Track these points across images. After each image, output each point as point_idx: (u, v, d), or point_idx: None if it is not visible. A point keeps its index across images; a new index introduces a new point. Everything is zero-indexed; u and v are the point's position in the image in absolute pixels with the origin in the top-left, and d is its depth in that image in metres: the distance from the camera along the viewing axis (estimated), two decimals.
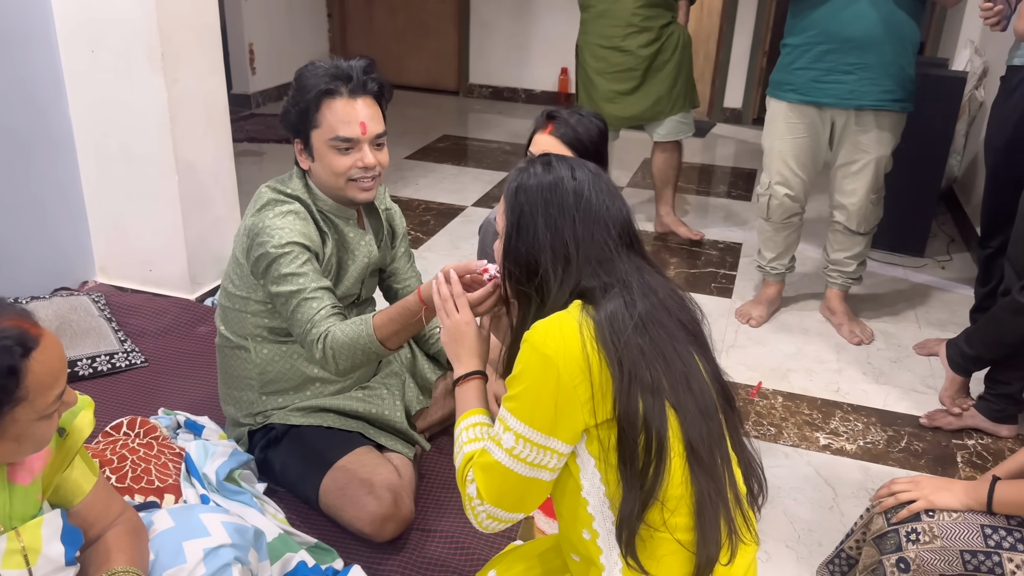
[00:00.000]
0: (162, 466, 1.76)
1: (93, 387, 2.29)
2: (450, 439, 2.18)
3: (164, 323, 2.68)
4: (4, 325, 1.08)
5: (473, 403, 1.29)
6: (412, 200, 4.18)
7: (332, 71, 1.72)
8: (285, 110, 1.78)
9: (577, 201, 1.18)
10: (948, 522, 1.38)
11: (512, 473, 1.13)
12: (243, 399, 1.93)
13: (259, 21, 5.76)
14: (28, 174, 2.68)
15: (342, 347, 1.61)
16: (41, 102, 2.67)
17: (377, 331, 1.58)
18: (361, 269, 1.88)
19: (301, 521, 1.83)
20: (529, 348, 1.12)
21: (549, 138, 1.95)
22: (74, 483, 1.31)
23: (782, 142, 2.79)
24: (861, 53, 2.56)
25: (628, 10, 3.30)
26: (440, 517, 1.88)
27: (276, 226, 1.72)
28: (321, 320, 1.65)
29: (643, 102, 3.46)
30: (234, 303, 1.87)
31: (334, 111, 1.71)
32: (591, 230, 1.17)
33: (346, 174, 1.74)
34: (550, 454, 1.11)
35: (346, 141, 1.71)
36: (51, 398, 1.13)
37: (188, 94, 2.71)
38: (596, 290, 1.15)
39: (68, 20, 2.63)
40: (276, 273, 1.70)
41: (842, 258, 2.90)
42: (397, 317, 1.58)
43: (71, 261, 2.90)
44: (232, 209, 3.02)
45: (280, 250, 1.69)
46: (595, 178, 1.21)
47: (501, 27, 6.28)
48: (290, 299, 1.68)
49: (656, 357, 1.11)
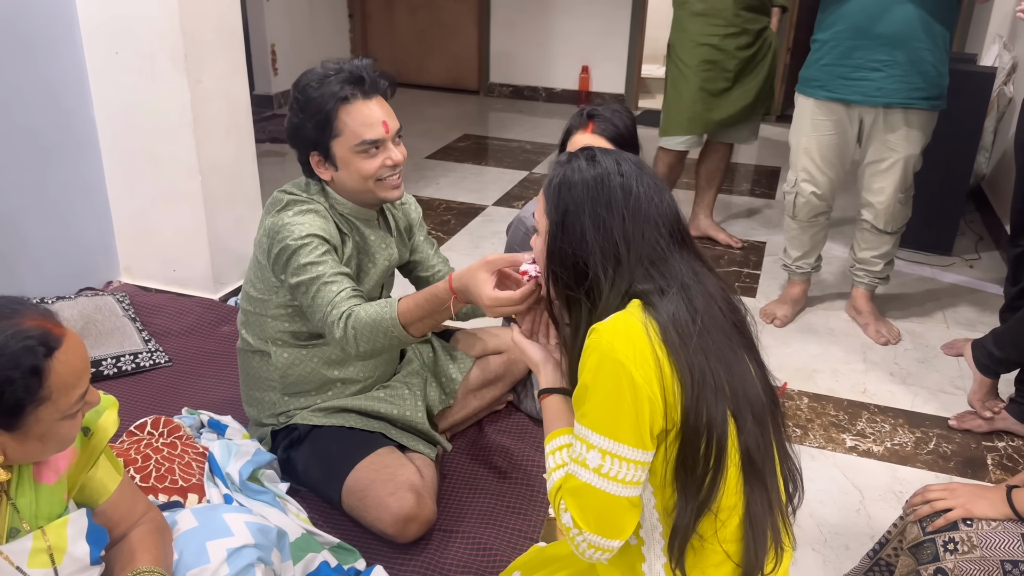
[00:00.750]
0: (186, 465, 1.77)
1: (117, 386, 2.31)
2: (472, 438, 2.17)
3: (188, 323, 2.69)
4: (27, 325, 1.09)
5: (556, 422, 1.21)
6: (433, 199, 4.18)
7: (342, 77, 1.69)
8: (296, 126, 1.72)
9: (625, 197, 1.11)
10: (987, 531, 1.33)
11: (604, 495, 1.05)
12: (265, 400, 1.94)
13: (281, 22, 5.79)
14: (54, 175, 2.70)
15: (364, 327, 1.58)
16: (66, 103, 2.69)
17: (401, 316, 1.56)
18: (381, 272, 1.88)
19: (324, 521, 1.83)
20: (597, 355, 1.05)
21: (592, 137, 1.96)
22: (99, 482, 1.32)
23: (809, 139, 2.76)
24: (890, 50, 2.52)
25: (730, 11, 3.23)
26: (462, 518, 1.87)
27: (296, 222, 1.72)
28: (342, 301, 1.63)
29: (733, 105, 3.39)
30: (255, 307, 1.87)
31: (354, 116, 1.69)
32: (641, 228, 1.11)
33: (375, 175, 1.73)
34: (637, 467, 1.05)
35: (373, 143, 1.70)
36: (74, 398, 1.13)
37: (211, 95, 2.72)
38: (652, 292, 1.09)
39: (92, 22, 2.65)
40: (296, 264, 1.69)
41: (869, 257, 2.86)
42: (424, 304, 1.55)
43: (96, 261, 2.92)
44: (255, 209, 3.03)
45: (299, 242, 1.69)
46: (640, 172, 1.15)
47: (521, 26, 6.27)
48: (310, 286, 1.68)
49: (718, 362, 1.07)
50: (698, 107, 3.36)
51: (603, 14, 6.01)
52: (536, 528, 1.86)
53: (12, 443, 1.11)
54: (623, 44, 6.07)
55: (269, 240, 1.76)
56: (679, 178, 3.74)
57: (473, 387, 2.17)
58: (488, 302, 1.41)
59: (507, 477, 2.01)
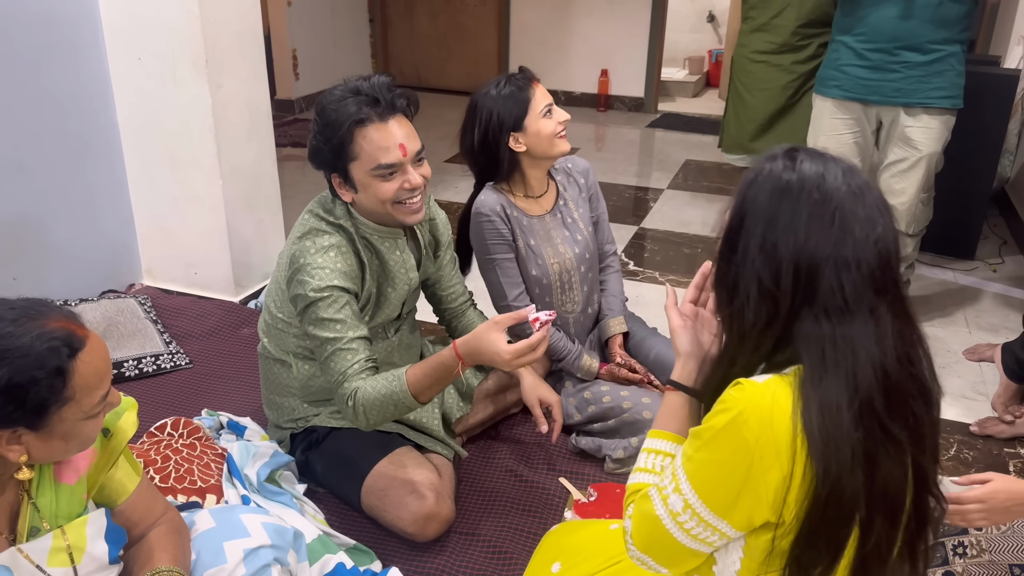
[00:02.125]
0: (204, 466, 1.79)
1: (139, 388, 2.34)
2: (488, 442, 2.17)
3: (208, 325, 2.72)
4: (52, 326, 1.11)
5: (667, 421, 1.12)
6: (451, 203, 4.19)
7: (358, 98, 1.64)
8: (316, 148, 1.69)
9: (813, 219, 0.89)
10: (996, 535, 1.33)
11: (669, 536, 1.00)
12: (285, 405, 1.95)
13: (302, 27, 5.83)
14: (78, 178, 2.74)
15: (373, 404, 1.62)
16: (91, 108, 2.73)
17: (411, 386, 1.60)
18: (401, 295, 1.86)
19: (340, 523, 1.85)
20: (728, 418, 0.93)
21: (542, 87, 2.03)
22: (118, 483, 1.34)
23: (827, 139, 2.74)
24: (907, 51, 2.50)
25: (789, 27, 3.07)
26: (479, 521, 1.87)
27: (316, 265, 1.68)
28: (354, 375, 1.65)
29: (790, 130, 3.16)
30: (276, 322, 1.87)
31: (370, 139, 1.64)
32: (821, 264, 0.89)
33: (393, 198, 1.69)
34: (717, 534, 0.98)
35: (389, 167, 1.66)
36: (96, 398, 1.15)
37: (232, 99, 2.75)
38: (812, 350, 0.90)
39: (115, 28, 2.69)
40: (314, 316, 1.68)
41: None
42: (432, 373, 1.59)
43: (118, 264, 2.96)
44: (275, 213, 3.06)
45: (319, 294, 1.66)
46: (859, 189, 0.91)
47: (541, 29, 6.28)
48: (325, 345, 1.67)
49: (861, 463, 0.90)
50: (751, 127, 3.22)
51: (623, 17, 6.01)
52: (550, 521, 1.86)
53: (36, 442, 1.13)
54: (643, 47, 6.06)
55: (290, 272, 1.73)
56: None
57: (490, 391, 2.18)
58: (508, 358, 1.48)
59: (523, 480, 2.02)
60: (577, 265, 2.17)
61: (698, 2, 7.54)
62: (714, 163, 4.87)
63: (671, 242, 3.69)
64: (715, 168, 4.80)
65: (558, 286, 2.16)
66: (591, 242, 2.21)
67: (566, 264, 2.15)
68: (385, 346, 1.92)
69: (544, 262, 2.13)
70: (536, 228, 2.13)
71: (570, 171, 2.24)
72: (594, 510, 1.82)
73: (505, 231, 2.09)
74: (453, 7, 6.51)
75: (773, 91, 3.15)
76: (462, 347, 1.55)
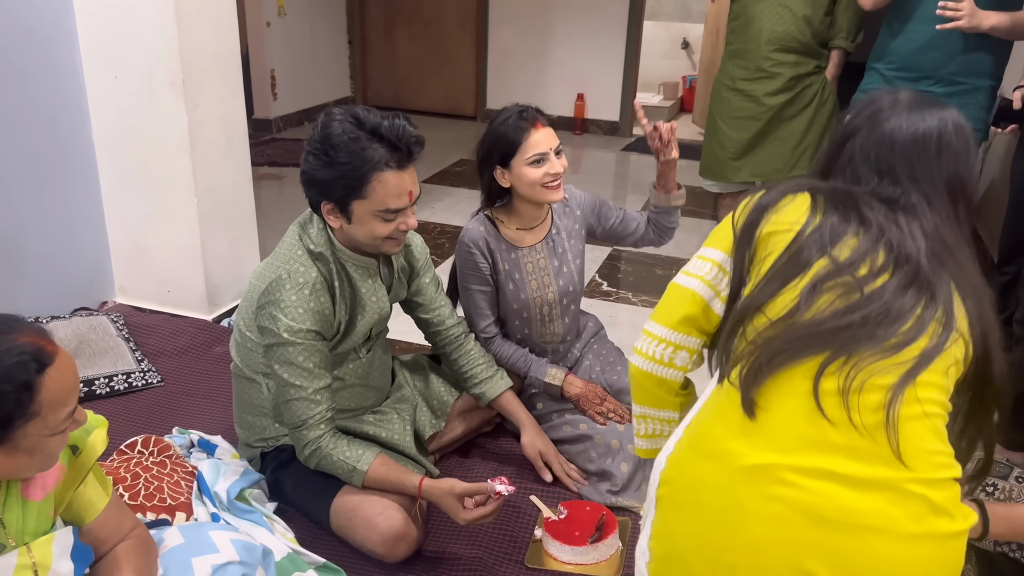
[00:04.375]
0: (175, 484, 1.78)
1: (110, 405, 2.32)
2: (460, 459, 2.18)
3: (181, 343, 2.71)
4: (21, 341, 1.11)
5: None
6: (428, 223, 4.22)
7: (382, 143, 1.64)
8: (319, 177, 1.66)
9: (876, 113, 1.22)
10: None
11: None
12: (256, 424, 1.95)
13: (281, 47, 5.86)
14: (52, 196, 2.73)
15: (326, 463, 1.78)
16: (66, 126, 2.73)
17: (367, 480, 1.77)
18: (370, 324, 1.87)
19: (310, 541, 1.84)
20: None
21: (545, 130, 2.03)
22: (87, 500, 1.33)
23: None
24: (932, 83, 2.52)
25: (760, 53, 2.99)
26: (449, 541, 1.88)
27: (291, 303, 1.70)
28: (315, 425, 1.76)
29: (768, 155, 3.12)
30: (245, 340, 1.88)
31: (386, 184, 1.65)
32: (860, 145, 1.22)
33: (385, 235, 1.72)
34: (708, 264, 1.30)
35: (396, 211, 1.70)
36: (63, 415, 1.15)
37: (208, 119, 2.76)
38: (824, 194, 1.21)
39: (93, 46, 2.70)
40: (282, 358, 1.72)
41: None
42: (390, 485, 1.77)
43: (92, 281, 2.95)
44: (250, 232, 3.07)
45: (292, 337, 1.70)
46: (920, 106, 1.21)
47: (519, 53, 6.35)
48: (288, 389, 1.74)
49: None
50: (724, 154, 3.15)
51: (599, 43, 6.10)
52: (522, 550, 1.87)
53: (0, 457, 1.13)
54: (618, 73, 6.15)
55: (263, 299, 1.74)
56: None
57: (463, 409, 2.19)
58: (464, 523, 1.71)
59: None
60: (559, 299, 2.18)
61: (672, 29, 7.66)
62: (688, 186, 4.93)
63: (644, 263, 3.73)
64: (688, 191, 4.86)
65: (538, 319, 2.19)
66: (577, 276, 2.21)
67: (547, 298, 2.16)
68: (357, 366, 1.93)
69: (527, 296, 2.15)
70: (523, 261, 2.14)
71: (567, 201, 2.22)
72: (564, 528, 1.83)
73: (484, 265, 2.11)
74: (432, 30, 6.57)
75: (744, 120, 3.11)
76: (427, 492, 1.74)
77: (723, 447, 1.14)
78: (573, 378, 2.17)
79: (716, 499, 1.12)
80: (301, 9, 6.02)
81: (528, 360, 2.17)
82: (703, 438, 1.18)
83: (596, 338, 2.38)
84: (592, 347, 2.33)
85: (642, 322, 1.35)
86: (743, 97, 3.08)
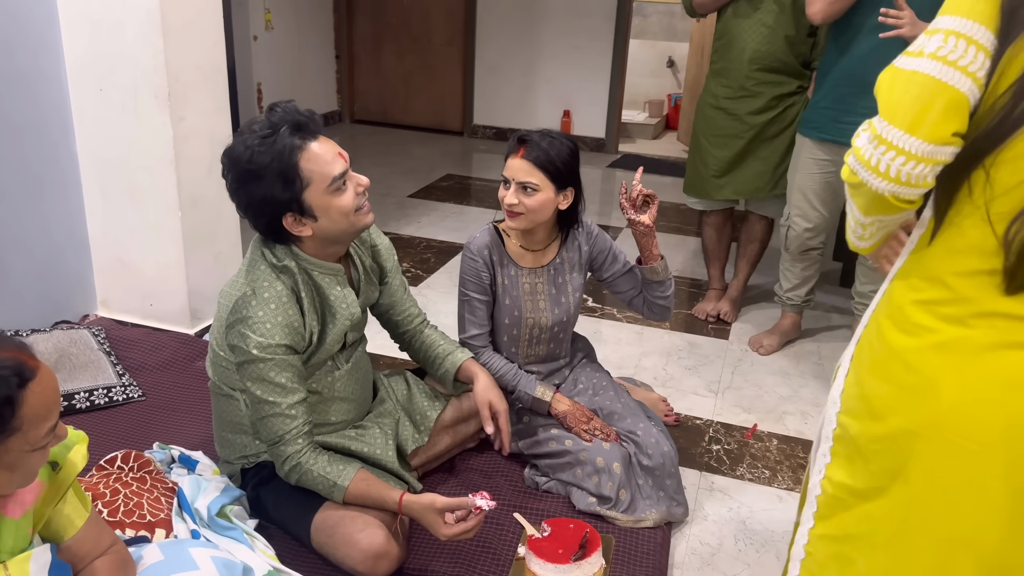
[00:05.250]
0: (154, 500, 1.77)
1: (90, 420, 2.30)
2: (444, 475, 2.18)
3: (163, 358, 2.70)
4: (2, 356, 1.10)
5: None
6: (414, 238, 4.22)
7: (282, 131, 1.64)
8: (260, 196, 1.65)
9: None
10: None
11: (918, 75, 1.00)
12: (236, 442, 1.94)
13: (268, 61, 5.87)
14: (35, 209, 2.72)
15: (306, 478, 1.77)
16: (50, 138, 2.72)
17: (348, 496, 1.77)
18: (341, 330, 1.86)
19: (292, 559, 1.83)
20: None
21: (522, 162, 2.01)
22: (66, 518, 1.32)
23: (803, 177, 2.87)
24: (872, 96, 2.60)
25: (743, 71, 3.01)
26: (431, 557, 1.87)
27: (259, 319, 1.69)
28: (292, 440, 1.75)
29: (750, 174, 3.14)
30: (219, 359, 1.87)
31: (314, 159, 1.66)
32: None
33: (353, 207, 1.73)
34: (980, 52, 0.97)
35: (342, 177, 1.71)
36: (44, 430, 1.15)
37: (193, 132, 2.76)
38: None
39: (77, 59, 2.70)
40: (255, 375, 1.72)
41: (867, 291, 2.92)
42: (371, 500, 1.77)
43: (73, 295, 2.93)
44: (234, 246, 3.06)
45: (263, 353, 1.69)
46: None
47: (506, 70, 6.39)
48: (263, 405, 1.73)
49: None
50: (707, 172, 3.17)
51: (585, 61, 6.15)
52: (505, 568, 1.86)
53: None
54: (604, 90, 6.19)
55: (231, 318, 1.73)
56: (730, 238, 3.44)
57: (447, 424, 2.18)
58: (445, 539, 1.71)
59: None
60: (551, 325, 2.20)
61: (658, 47, 7.73)
62: (672, 203, 4.98)
63: None
64: (673, 208, 4.90)
65: (526, 340, 2.20)
66: (573, 308, 2.23)
67: (540, 323, 2.18)
68: (336, 378, 1.93)
69: (520, 315, 2.16)
70: (523, 282, 2.15)
71: (577, 235, 2.22)
72: (547, 545, 1.83)
73: (485, 274, 2.13)
74: (420, 46, 6.60)
75: (727, 139, 3.13)
76: (407, 507, 1.74)
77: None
78: (561, 396, 2.18)
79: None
80: (288, 23, 6.04)
81: (517, 375, 2.17)
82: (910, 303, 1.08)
83: (587, 362, 2.39)
84: (585, 370, 2.35)
85: (627, 338, 1.33)
86: (726, 115, 3.11)
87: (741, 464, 2.40)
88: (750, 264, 3.39)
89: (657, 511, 2.03)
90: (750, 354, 3.11)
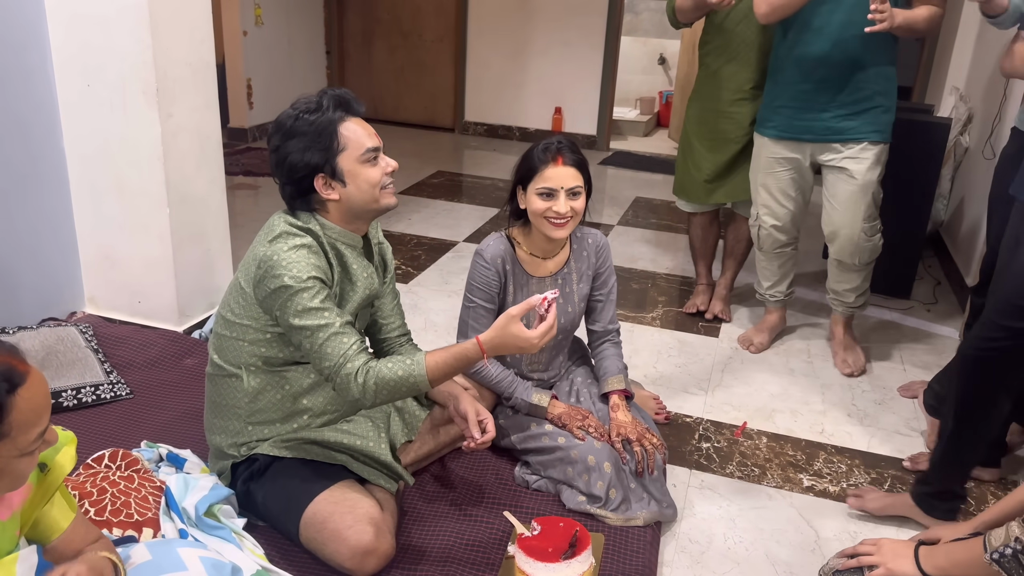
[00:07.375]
0: (142, 499, 1.76)
1: (77, 418, 2.29)
2: (434, 475, 2.17)
3: (151, 355, 2.68)
4: None
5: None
6: (404, 235, 4.21)
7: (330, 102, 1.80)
8: (298, 156, 1.77)
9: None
10: None
11: None
12: (229, 428, 1.93)
13: (258, 57, 5.84)
14: (22, 205, 2.70)
15: (387, 384, 1.73)
16: (37, 134, 2.70)
17: (430, 372, 1.74)
18: (361, 300, 1.90)
19: (280, 558, 1.82)
20: None
21: (566, 168, 2.03)
22: (52, 519, 1.31)
23: (766, 176, 2.89)
24: (835, 92, 2.64)
25: (744, 76, 2.99)
26: (421, 556, 1.87)
27: (292, 259, 1.75)
28: (355, 355, 1.74)
29: (735, 184, 3.13)
30: (231, 331, 1.87)
31: (352, 130, 1.80)
32: None
33: (380, 183, 1.83)
34: None
35: (374, 151, 1.82)
36: (33, 436, 1.13)
37: (182, 128, 2.74)
38: None
39: (65, 54, 2.67)
40: (299, 307, 1.73)
41: (841, 289, 2.96)
42: (453, 363, 1.75)
43: (61, 292, 2.91)
44: (224, 243, 3.04)
45: (302, 284, 1.73)
46: None
47: (497, 66, 6.38)
48: (317, 332, 1.74)
49: None
50: (699, 175, 3.15)
51: (577, 58, 6.15)
52: (494, 567, 1.86)
53: None
54: (595, 87, 6.19)
55: (260, 271, 1.78)
56: (716, 235, 3.43)
57: (437, 422, 2.18)
58: (536, 341, 1.71)
59: (466, 514, 2.02)
60: (556, 334, 2.20)
61: (650, 45, 7.73)
62: (663, 201, 4.98)
63: (620, 277, 3.75)
64: (664, 206, 4.91)
65: None
66: (577, 317, 2.25)
67: None
68: None
69: (528, 324, 2.15)
70: (532, 291, 2.18)
71: (587, 246, 2.24)
72: (537, 543, 1.83)
73: (495, 283, 2.14)
74: (411, 42, 6.58)
75: (723, 143, 3.09)
76: (487, 342, 1.72)
77: None
78: (556, 401, 2.19)
79: None
80: (279, 19, 6.01)
81: (514, 382, 2.18)
82: None
83: (581, 363, 2.41)
84: (580, 372, 2.36)
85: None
86: (723, 117, 3.08)
87: (731, 462, 2.40)
88: (737, 262, 3.40)
89: (648, 511, 2.03)
90: (740, 352, 3.11)
